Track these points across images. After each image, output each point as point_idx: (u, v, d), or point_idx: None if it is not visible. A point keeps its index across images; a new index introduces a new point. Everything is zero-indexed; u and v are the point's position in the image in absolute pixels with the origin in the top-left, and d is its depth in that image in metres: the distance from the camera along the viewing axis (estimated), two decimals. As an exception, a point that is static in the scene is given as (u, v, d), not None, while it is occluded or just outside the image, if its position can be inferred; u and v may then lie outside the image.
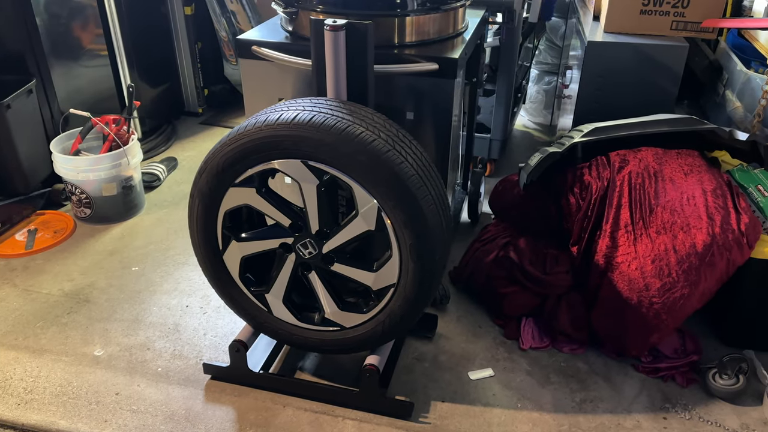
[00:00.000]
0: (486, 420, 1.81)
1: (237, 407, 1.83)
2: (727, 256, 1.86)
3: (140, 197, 2.83)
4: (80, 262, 2.47)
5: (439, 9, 1.88)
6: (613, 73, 2.48)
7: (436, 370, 1.98)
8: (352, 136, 1.50)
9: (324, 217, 1.63)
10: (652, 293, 1.88)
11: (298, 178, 1.58)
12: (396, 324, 1.69)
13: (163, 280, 2.37)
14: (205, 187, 1.63)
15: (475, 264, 2.26)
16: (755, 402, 1.87)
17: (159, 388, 1.89)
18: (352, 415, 1.81)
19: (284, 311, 1.78)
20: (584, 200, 2.06)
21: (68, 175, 2.62)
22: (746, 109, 2.71)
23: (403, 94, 1.88)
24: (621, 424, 1.80)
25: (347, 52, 1.64)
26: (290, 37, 1.93)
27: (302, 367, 1.98)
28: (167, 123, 3.58)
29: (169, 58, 3.60)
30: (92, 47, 3.05)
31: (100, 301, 2.25)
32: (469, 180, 2.67)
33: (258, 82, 1.96)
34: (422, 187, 1.54)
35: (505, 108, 2.92)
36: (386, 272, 1.63)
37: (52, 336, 2.09)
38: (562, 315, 2.05)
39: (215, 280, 1.79)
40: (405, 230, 1.55)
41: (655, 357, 1.99)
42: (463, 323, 2.17)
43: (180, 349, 2.04)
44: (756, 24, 2.57)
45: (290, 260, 1.71)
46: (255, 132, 1.54)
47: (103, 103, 3.11)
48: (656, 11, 2.48)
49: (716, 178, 1.99)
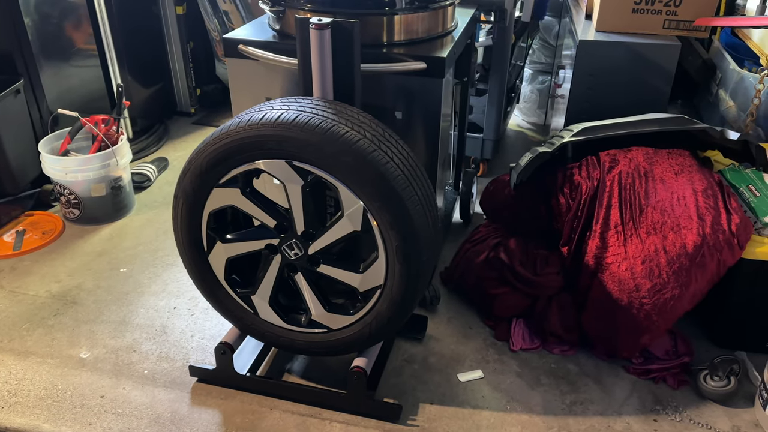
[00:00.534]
0: (475, 422, 1.79)
1: (223, 410, 1.81)
2: (718, 256, 1.84)
3: (130, 198, 2.81)
4: (68, 264, 2.45)
5: (427, 8, 1.87)
6: (605, 73, 2.46)
7: (426, 371, 1.96)
8: (336, 135, 1.48)
9: (310, 218, 1.61)
10: (643, 294, 1.86)
11: (283, 178, 1.56)
12: (383, 326, 1.68)
13: (152, 281, 2.35)
14: (189, 187, 1.62)
15: (465, 265, 2.24)
16: (747, 404, 1.86)
17: (145, 391, 1.87)
18: (339, 418, 1.79)
19: (271, 313, 1.77)
20: (574, 200, 2.04)
21: (57, 176, 2.60)
22: (739, 108, 2.69)
23: (392, 94, 1.86)
24: (611, 427, 1.78)
25: (333, 51, 1.62)
26: (277, 36, 1.92)
27: (290, 369, 1.96)
28: (159, 123, 3.56)
29: (161, 57, 3.58)
30: (82, 47, 3.03)
31: (87, 303, 2.23)
32: (461, 180, 2.65)
33: (245, 81, 1.94)
34: (408, 188, 1.52)
35: (497, 107, 2.91)
36: (373, 273, 1.61)
37: (38, 338, 2.07)
38: (552, 316, 2.04)
39: (201, 281, 1.78)
40: (391, 231, 1.53)
41: (646, 358, 1.97)
42: (453, 324, 2.15)
43: (167, 352, 2.02)
44: (749, 23, 2.55)
45: (276, 261, 1.69)
46: (239, 132, 1.52)
47: (93, 103, 3.09)
48: (648, 10, 2.46)
49: (707, 178, 1.97)
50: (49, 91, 2.81)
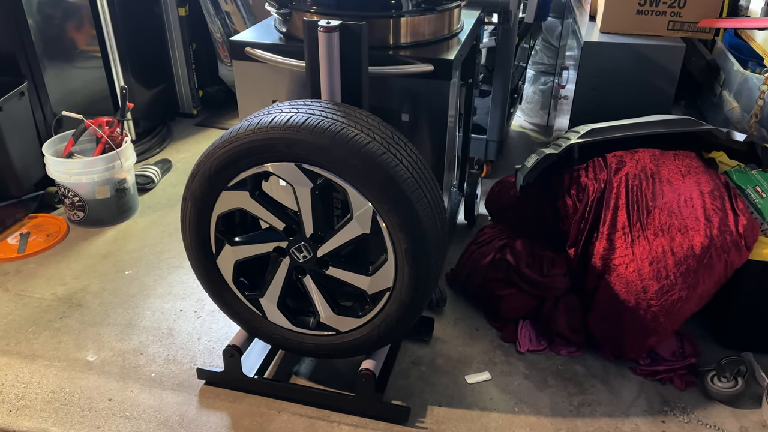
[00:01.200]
0: (483, 424, 1.79)
1: (231, 413, 1.81)
2: (725, 258, 1.84)
3: (134, 200, 2.80)
4: (73, 266, 2.44)
5: (433, 10, 1.86)
6: (609, 74, 2.46)
7: (433, 373, 1.96)
8: (346, 138, 1.48)
9: (318, 221, 1.61)
10: (650, 296, 1.86)
11: (292, 181, 1.56)
12: (392, 328, 1.68)
13: (157, 283, 2.35)
14: (198, 190, 1.61)
15: (471, 266, 2.24)
16: (754, 405, 1.86)
17: (152, 394, 1.87)
18: (347, 420, 1.79)
19: (279, 316, 1.76)
20: (581, 202, 2.04)
21: (61, 178, 2.60)
22: (743, 109, 2.69)
23: (399, 96, 1.86)
24: (619, 428, 1.78)
25: (341, 54, 1.62)
26: (284, 39, 1.91)
27: (297, 371, 1.96)
28: (162, 124, 3.56)
29: (164, 59, 3.58)
30: (85, 49, 3.03)
31: (93, 306, 2.23)
32: (465, 181, 2.65)
33: (252, 83, 1.94)
34: (417, 190, 1.52)
35: (501, 109, 2.91)
36: (382, 276, 1.61)
37: (45, 341, 2.07)
38: (559, 318, 2.04)
39: (209, 284, 1.77)
40: (400, 234, 1.53)
41: (653, 360, 1.97)
42: (459, 326, 2.15)
43: (174, 354, 2.02)
44: (753, 24, 2.56)
45: (284, 264, 1.69)
46: (248, 135, 1.52)
47: (96, 105, 3.08)
48: (653, 11, 2.46)
49: (714, 180, 1.98)
50: (52, 93, 2.81)
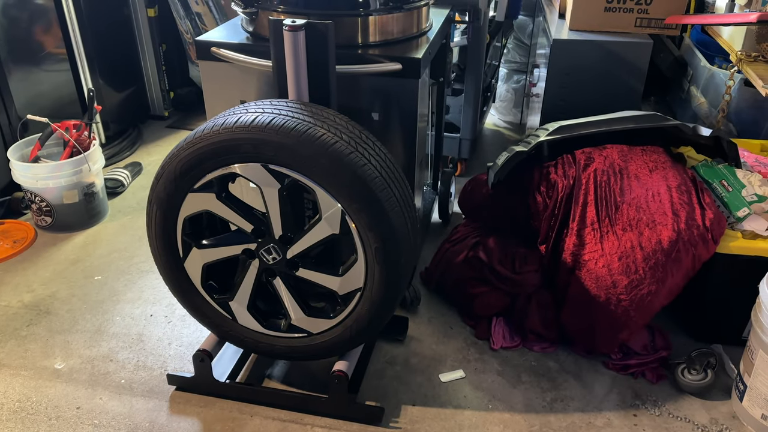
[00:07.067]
0: (457, 422, 1.79)
1: (203, 418, 1.79)
2: (693, 251, 1.86)
3: (103, 204, 2.76)
4: (41, 273, 2.40)
5: (401, 8, 1.86)
6: (579, 71, 2.48)
7: (408, 373, 1.95)
8: (312, 138, 1.46)
9: (287, 222, 1.59)
10: (620, 290, 1.88)
11: (259, 182, 1.54)
12: (364, 328, 1.67)
13: (127, 288, 2.31)
14: (163, 192, 1.59)
15: (445, 265, 2.24)
16: (724, 396, 1.88)
17: (122, 401, 1.84)
18: (321, 423, 1.78)
19: (249, 319, 1.74)
20: (551, 199, 2.05)
21: (27, 183, 2.55)
22: (711, 104, 2.73)
23: (368, 95, 1.85)
24: (592, 423, 1.79)
25: (308, 53, 1.61)
26: (251, 38, 1.89)
27: (270, 375, 1.94)
28: (132, 127, 3.51)
29: (133, 60, 3.53)
30: (52, 51, 2.97)
31: (61, 312, 2.19)
32: (439, 180, 2.65)
33: (219, 84, 1.92)
34: (386, 189, 1.51)
35: (474, 107, 2.92)
36: (352, 276, 1.60)
37: (11, 350, 2.02)
38: (532, 314, 2.04)
39: (177, 288, 1.75)
40: (370, 233, 1.52)
41: (625, 354, 1.99)
42: (434, 325, 2.15)
43: (144, 360, 1.99)
44: (718, 20, 2.59)
45: (254, 266, 1.67)
46: (213, 136, 1.50)
47: (64, 108, 3.03)
48: (620, 8, 2.48)
49: (681, 174, 2.00)
50: (17, 96, 2.75)
